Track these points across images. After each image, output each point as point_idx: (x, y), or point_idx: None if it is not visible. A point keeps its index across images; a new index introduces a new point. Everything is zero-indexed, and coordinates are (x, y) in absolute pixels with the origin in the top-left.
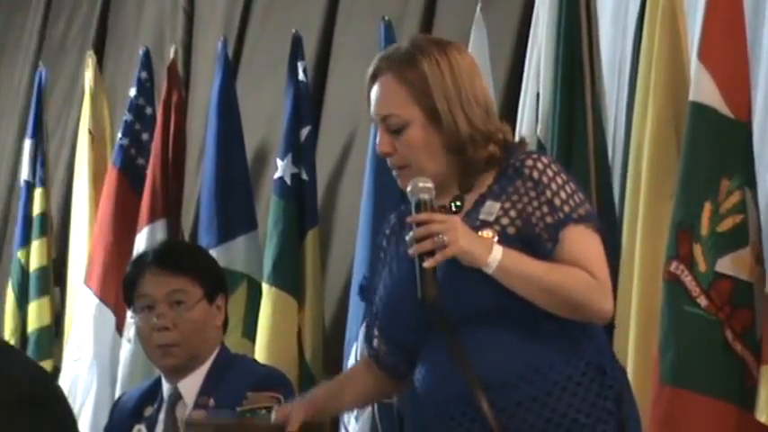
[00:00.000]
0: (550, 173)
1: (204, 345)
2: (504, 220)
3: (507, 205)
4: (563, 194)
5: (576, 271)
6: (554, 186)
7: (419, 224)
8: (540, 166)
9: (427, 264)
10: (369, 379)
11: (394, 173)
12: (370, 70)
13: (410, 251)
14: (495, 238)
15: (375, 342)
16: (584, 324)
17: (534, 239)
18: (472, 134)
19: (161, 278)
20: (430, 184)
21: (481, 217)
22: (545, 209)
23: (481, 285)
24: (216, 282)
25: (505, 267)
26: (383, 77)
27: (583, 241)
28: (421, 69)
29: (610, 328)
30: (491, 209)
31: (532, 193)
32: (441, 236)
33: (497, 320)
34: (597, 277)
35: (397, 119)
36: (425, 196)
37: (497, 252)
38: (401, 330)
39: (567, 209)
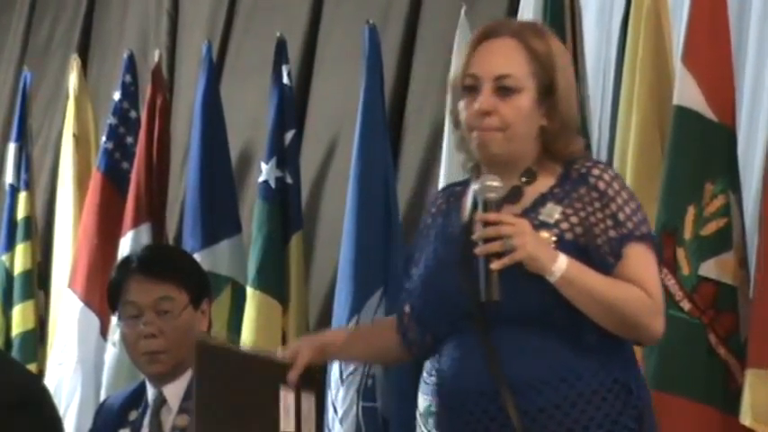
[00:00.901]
0: (617, 186)
1: (190, 350)
2: (564, 225)
3: (569, 211)
4: (627, 210)
5: (634, 290)
6: (619, 201)
7: (487, 223)
8: (606, 177)
9: (495, 266)
10: (384, 341)
11: (475, 134)
12: (482, 31)
13: (477, 250)
14: (553, 240)
15: (405, 317)
16: (619, 341)
17: (593, 250)
18: (573, 122)
19: (147, 285)
20: (499, 184)
21: (541, 217)
22: (609, 222)
23: (532, 289)
24: (201, 287)
25: (569, 278)
26: (503, 40)
27: (643, 261)
28: (548, 44)
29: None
30: (552, 211)
31: (597, 204)
32: (510, 239)
33: (536, 325)
34: (653, 297)
35: (514, 80)
36: (494, 195)
37: (562, 261)
38: (433, 312)
39: (630, 225)
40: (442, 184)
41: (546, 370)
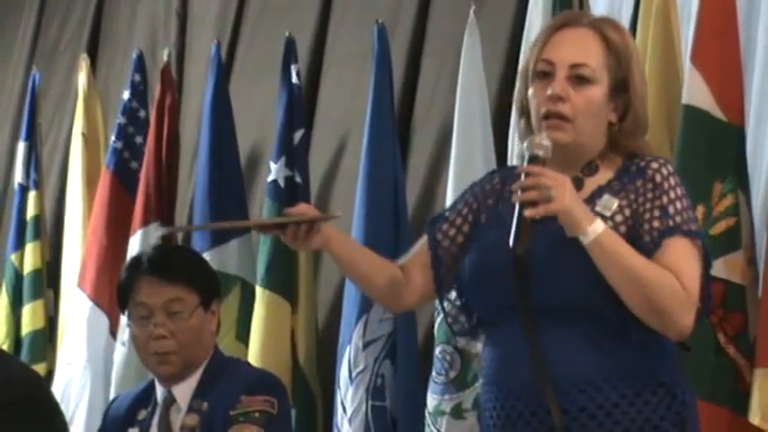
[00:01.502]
0: (673, 181)
1: (200, 350)
2: (618, 218)
3: (624, 203)
4: (679, 205)
5: (669, 276)
6: (672, 195)
7: (528, 175)
8: (664, 171)
9: (528, 213)
10: (391, 277)
11: (545, 123)
12: (559, 19)
13: (513, 198)
14: None
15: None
16: (665, 344)
17: (636, 239)
18: (644, 121)
19: (158, 287)
20: (549, 144)
21: (597, 209)
22: (656, 212)
23: (581, 281)
24: (212, 288)
25: (602, 243)
26: (581, 29)
27: (684, 253)
28: (625, 39)
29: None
30: (609, 203)
31: (650, 195)
32: (549, 190)
33: (583, 320)
34: (687, 290)
35: (590, 70)
36: (541, 153)
37: (599, 225)
38: (482, 299)
39: (678, 219)
40: (451, 183)
41: (590, 369)
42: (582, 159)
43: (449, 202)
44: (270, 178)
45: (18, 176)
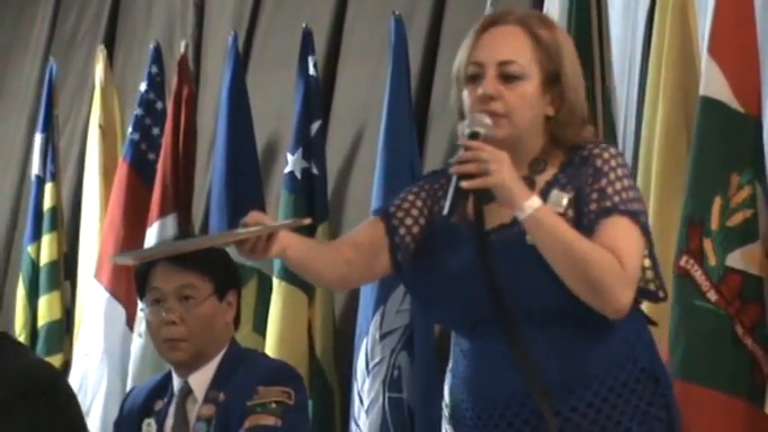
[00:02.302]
0: (613, 163)
1: (213, 340)
2: (570, 212)
3: (572, 195)
4: (618, 185)
5: (606, 252)
6: (612, 176)
7: (468, 149)
8: (605, 155)
9: (465, 184)
10: (339, 273)
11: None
12: (486, 19)
13: (451, 170)
14: None
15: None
16: (637, 327)
17: (579, 224)
18: (581, 111)
19: (171, 273)
20: (489, 122)
21: (549, 206)
22: (595, 195)
23: (550, 283)
24: (227, 277)
25: (538, 218)
26: (508, 27)
27: (622, 231)
28: (554, 33)
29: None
30: (559, 199)
31: (590, 179)
32: (486, 163)
33: (560, 321)
34: (624, 267)
35: (518, 67)
36: (482, 130)
37: (536, 201)
38: (459, 319)
39: (617, 199)
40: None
41: (576, 369)
42: (525, 157)
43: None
44: (287, 170)
45: (35, 168)
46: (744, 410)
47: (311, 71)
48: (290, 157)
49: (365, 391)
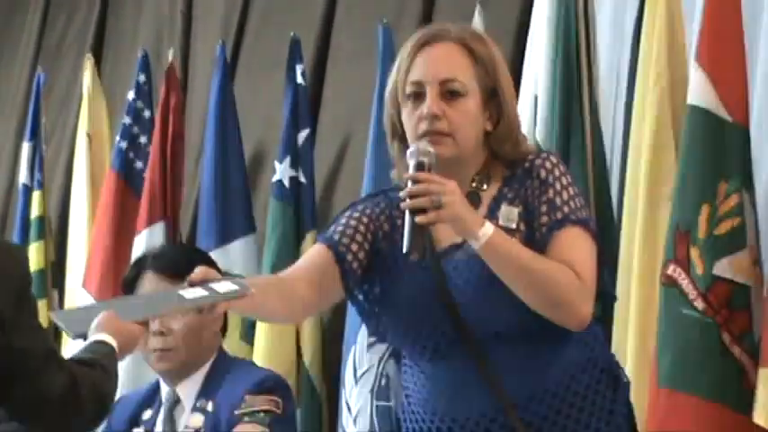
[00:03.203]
0: (557, 172)
1: (201, 350)
2: (522, 226)
3: (521, 209)
4: (565, 195)
5: (562, 267)
6: (558, 185)
7: (416, 182)
8: (548, 165)
9: (419, 220)
10: (290, 309)
11: (425, 140)
12: (420, 37)
13: (402, 205)
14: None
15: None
16: (591, 328)
17: (532, 238)
18: (517, 125)
19: (158, 282)
20: (432, 150)
21: (501, 223)
22: (544, 207)
23: (509, 302)
24: None
25: (494, 244)
26: (445, 44)
27: (575, 242)
28: (489, 49)
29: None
30: (510, 214)
31: (537, 192)
32: (438, 196)
33: (520, 336)
34: (582, 279)
35: (460, 84)
36: (426, 159)
37: (488, 228)
38: (419, 346)
39: (566, 209)
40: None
41: (542, 379)
42: (467, 173)
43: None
44: (275, 178)
45: (22, 176)
46: (731, 419)
47: (299, 79)
48: (278, 166)
49: (353, 399)
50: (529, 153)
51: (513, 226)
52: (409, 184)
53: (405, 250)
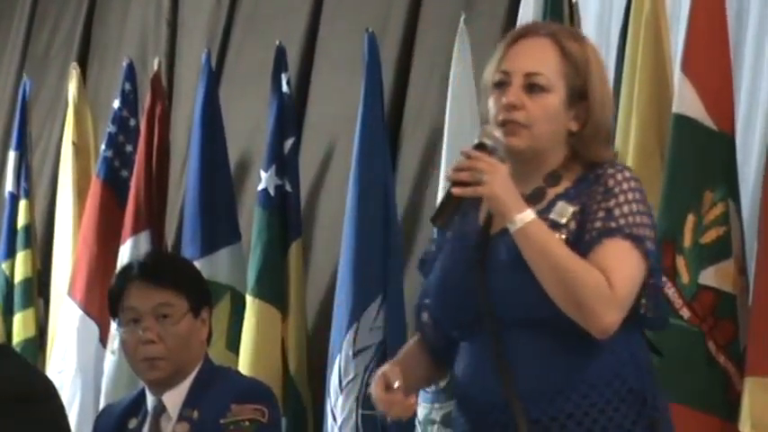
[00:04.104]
0: (626, 186)
1: (189, 358)
2: (572, 225)
3: (577, 209)
4: (626, 209)
5: (594, 272)
6: (621, 198)
7: (468, 158)
8: (619, 177)
9: (455, 191)
10: (424, 366)
11: (501, 130)
12: (517, 31)
13: (445, 175)
14: (562, 239)
15: (425, 316)
16: (632, 348)
17: (580, 240)
18: (605, 130)
19: (147, 291)
20: (499, 136)
21: (551, 216)
22: (601, 214)
23: (541, 291)
24: (201, 295)
25: (528, 232)
26: (538, 39)
27: (619, 254)
28: (584, 50)
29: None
30: (563, 211)
31: (599, 197)
32: (481, 174)
33: (546, 328)
34: (614, 288)
35: (544, 79)
36: (489, 142)
37: (527, 215)
38: (447, 314)
39: (622, 222)
40: (440, 190)
41: (558, 378)
42: (543, 169)
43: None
44: (260, 187)
45: (9, 185)
46: (718, 427)
47: (284, 88)
48: (263, 174)
49: (338, 408)
50: (608, 161)
51: (563, 221)
52: (461, 158)
53: (431, 217)
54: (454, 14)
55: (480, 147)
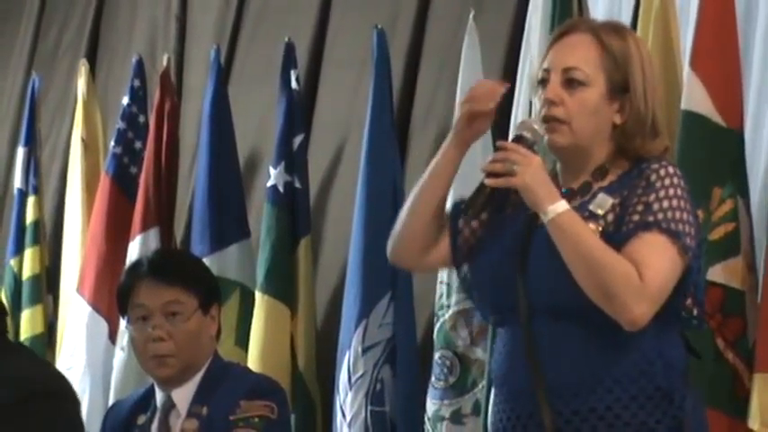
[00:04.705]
0: (668, 182)
1: (198, 355)
2: (610, 217)
3: (617, 201)
4: (665, 204)
5: (625, 263)
6: (662, 194)
7: (503, 150)
8: (662, 172)
9: (487, 181)
10: (437, 226)
11: (544, 127)
12: (564, 27)
13: (481, 167)
14: (599, 231)
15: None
16: (662, 347)
17: (617, 231)
18: (649, 123)
19: (156, 289)
20: (539, 128)
21: (591, 207)
22: (640, 207)
23: (570, 277)
24: (211, 292)
25: (561, 222)
26: (580, 35)
27: (654, 247)
28: (627, 43)
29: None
30: (603, 202)
31: (639, 191)
32: (513, 164)
33: (579, 322)
34: (645, 280)
35: (581, 74)
36: (528, 135)
37: (560, 206)
38: (487, 299)
39: (660, 216)
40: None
41: (584, 372)
42: (591, 164)
43: (447, 205)
44: (269, 183)
45: (17, 181)
46: (726, 424)
47: (293, 85)
48: (272, 171)
49: (348, 404)
50: (655, 155)
51: (600, 212)
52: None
53: (463, 207)
54: (463, 11)
55: (518, 139)
